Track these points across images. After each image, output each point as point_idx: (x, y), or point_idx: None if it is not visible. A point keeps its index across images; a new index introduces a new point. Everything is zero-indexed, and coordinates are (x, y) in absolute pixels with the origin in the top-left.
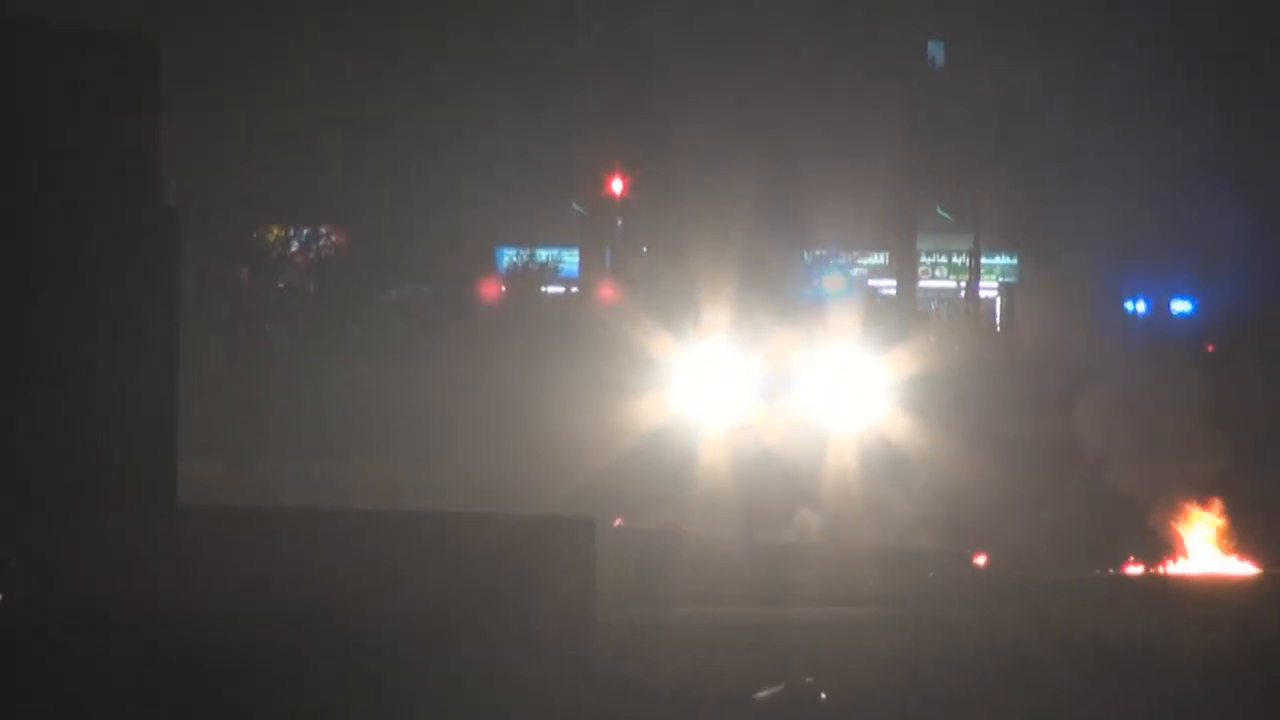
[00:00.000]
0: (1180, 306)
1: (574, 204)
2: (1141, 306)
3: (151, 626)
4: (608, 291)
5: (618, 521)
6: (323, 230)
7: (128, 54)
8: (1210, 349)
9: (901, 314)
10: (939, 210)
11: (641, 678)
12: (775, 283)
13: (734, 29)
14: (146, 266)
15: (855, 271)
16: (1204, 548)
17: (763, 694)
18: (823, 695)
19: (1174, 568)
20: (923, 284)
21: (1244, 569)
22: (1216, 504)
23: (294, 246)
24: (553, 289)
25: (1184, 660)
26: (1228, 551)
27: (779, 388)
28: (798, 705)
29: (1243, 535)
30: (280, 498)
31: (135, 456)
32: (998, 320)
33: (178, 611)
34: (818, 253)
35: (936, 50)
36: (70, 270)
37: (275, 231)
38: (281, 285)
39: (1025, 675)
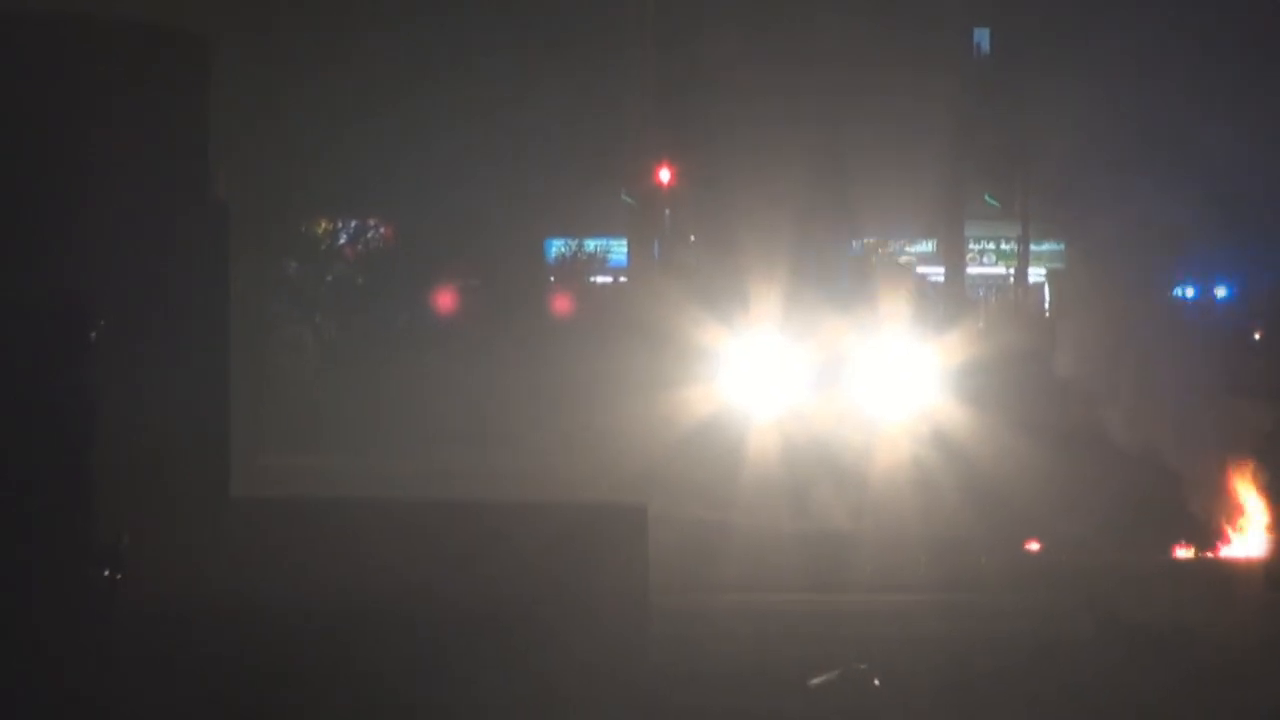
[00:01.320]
0: (1221, 292)
1: (622, 194)
2: (1190, 292)
3: (209, 618)
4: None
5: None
6: (371, 222)
7: (179, 49)
8: (1258, 335)
9: (950, 300)
10: (986, 198)
11: (696, 664)
12: (824, 271)
13: (781, 17)
14: (197, 261)
15: (904, 257)
16: (1254, 532)
17: (817, 680)
18: (876, 681)
19: (1223, 552)
20: (970, 270)
21: None
22: (1266, 489)
23: (342, 239)
24: (601, 279)
25: (1236, 645)
26: (1275, 535)
27: (829, 376)
28: (851, 691)
29: None
30: (334, 489)
31: (189, 450)
32: (1046, 307)
33: (236, 603)
34: (866, 240)
35: (982, 38)
36: (121, 265)
37: (323, 224)
38: (330, 278)
39: (1074, 661)
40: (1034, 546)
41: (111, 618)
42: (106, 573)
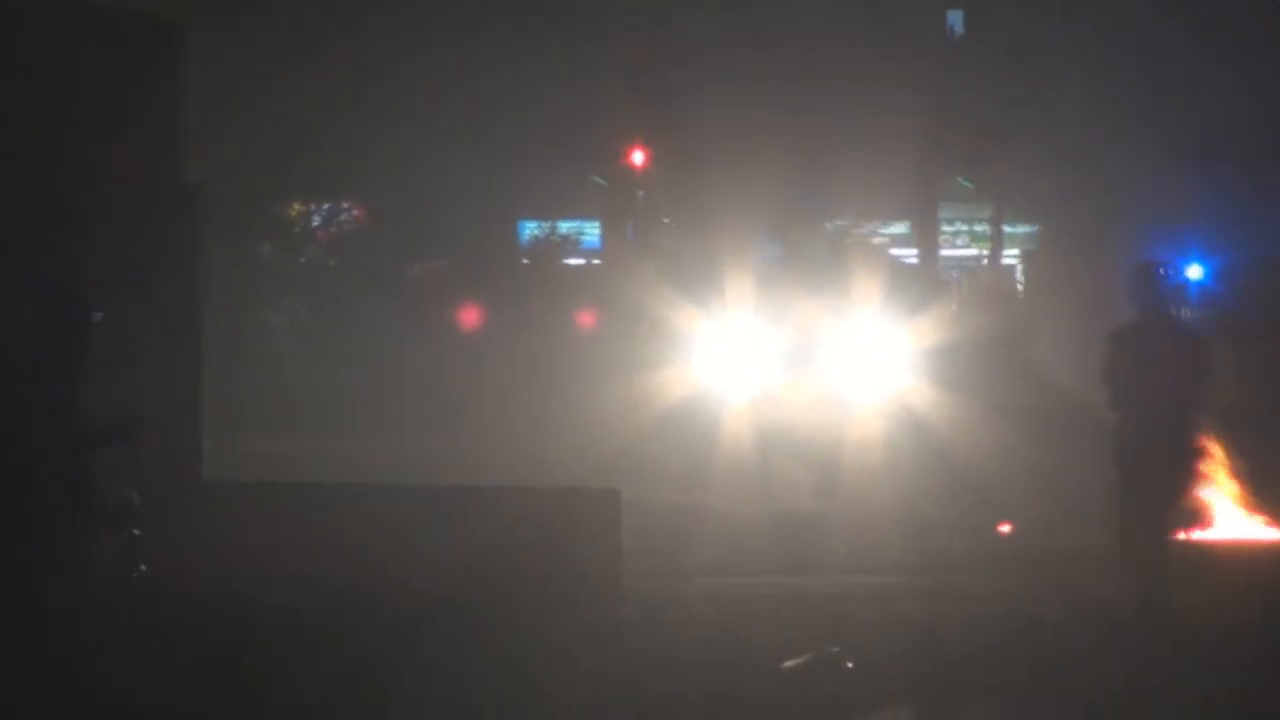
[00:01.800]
0: (1195, 273)
1: (594, 176)
2: (1175, 273)
3: (181, 600)
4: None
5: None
6: (344, 205)
7: (154, 33)
8: (1229, 315)
9: (923, 282)
10: (960, 179)
11: (670, 649)
12: (798, 253)
13: None
14: (173, 244)
15: (877, 239)
16: (1229, 514)
17: (790, 663)
18: (849, 664)
19: (1196, 535)
20: (944, 253)
21: (1265, 534)
22: (1241, 470)
23: (315, 221)
24: (574, 261)
25: (1211, 628)
26: (1251, 517)
27: (803, 358)
28: (825, 674)
29: (1266, 500)
30: (306, 473)
31: (162, 432)
32: (1019, 289)
33: (204, 590)
34: (839, 223)
35: (956, 19)
36: (96, 248)
37: (296, 207)
38: (303, 260)
39: (1046, 644)
40: (1006, 529)
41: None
42: (135, 531)
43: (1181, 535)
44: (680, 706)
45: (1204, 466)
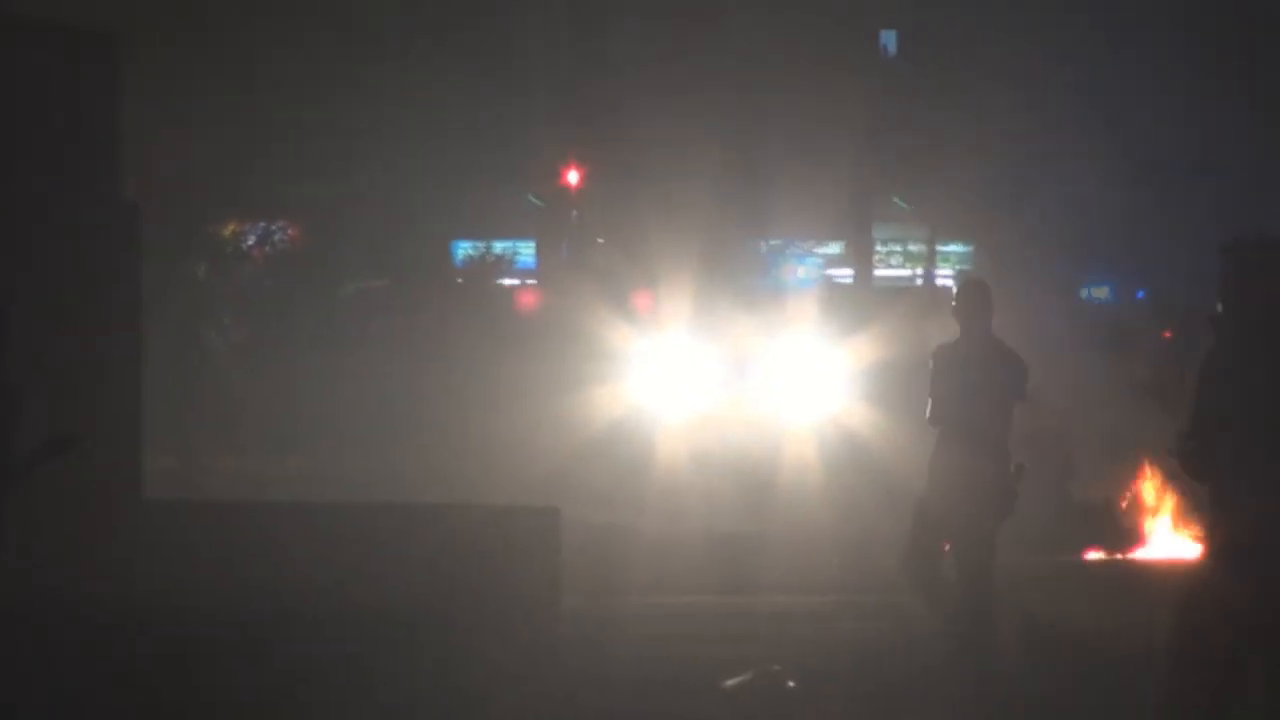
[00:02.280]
0: (1136, 292)
1: (530, 196)
2: (1102, 293)
3: (117, 620)
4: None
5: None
6: (278, 224)
7: (88, 49)
8: (1167, 335)
9: (861, 303)
10: (895, 199)
11: (608, 668)
12: (733, 272)
13: (688, 18)
14: (108, 263)
15: (811, 260)
16: (1166, 534)
17: (730, 682)
18: (790, 683)
19: (1135, 554)
20: (879, 272)
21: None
22: (1177, 489)
23: (250, 241)
24: (510, 281)
25: (1147, 646)
26: (1189, 537)
27: (739, 378)
28: (765, 693)
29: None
30: (242, 493)
31: (100, 452)
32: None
33: (144, 605)
34: (773, 242)
35: (889, 39)
36: (30, 267)
37: (231, 226)
38: (242, 280)
39: (984, 663)
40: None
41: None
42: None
43: (1108, 555)
44: None
45: (1015, 490)
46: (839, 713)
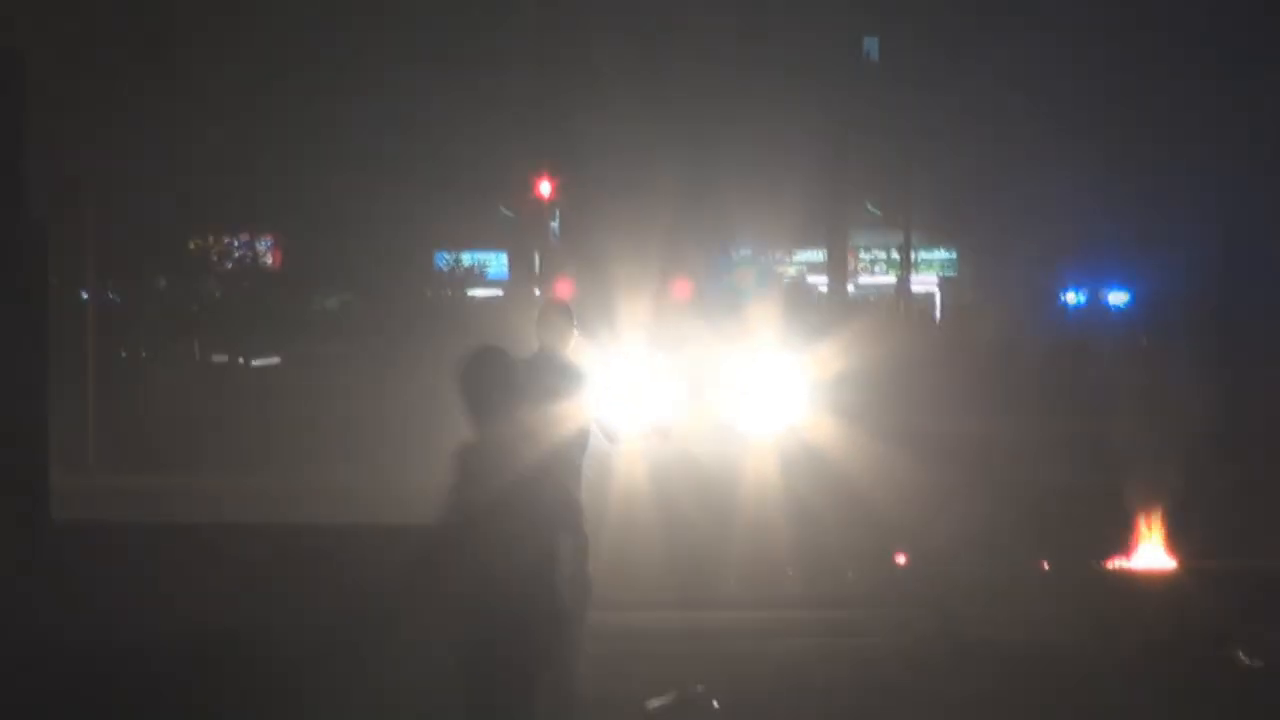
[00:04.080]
0: (1118, 298)
1: (502, 208)
2: (1078, 298)
3: (28, 647)
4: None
5: None
6: (244, 238)
7: None
8: (1145, 341)
9: (829, 310)
10: (868, 206)
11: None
12: (702, 282)
13: (666, 24)
14: (13, 280)
15: (791, 267)
16: (1130, 546)
17: (654, 702)
18: (715, 703)
19: (1095, 567)
20: (863, 280)
21: (1161, 568)
22: (1145, 502)
23: (219, 256)
24: (483, 292)
25: (1093, 664)
26: (1152, 550)
27: (702, 389)
28: (687, 714)
29: (1168, 533)
30: (184, 510)
31: (7, 472)
32: (937, 315)
33: (57, 630)
34: (744, 251)
35: (872, 46)
36: None
37: (197, 242)
38: (212, 294)
39: (931, 679)
40: (901, 560)
41: None
42: None
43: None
44: None
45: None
46: None
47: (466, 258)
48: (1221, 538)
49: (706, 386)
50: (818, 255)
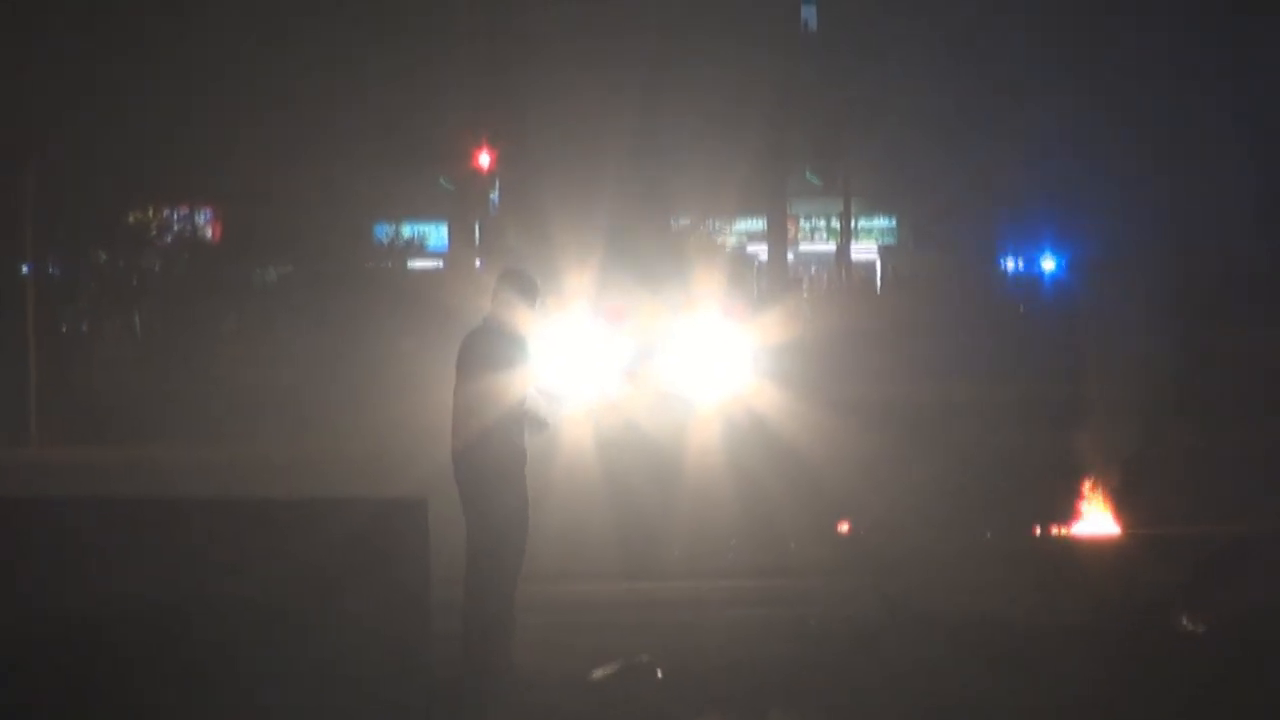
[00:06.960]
0: (1049, 265)
1: (441, 179)
2: (1016, 264)
3: None
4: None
5: None
6: (184, 211)
7: None
8: (1083, 307)
9: (771, 280)
10: (807, 174)
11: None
12: (642, 252)
13: None
14: None
15: (732, 237)
16: (1072, 516)
17: (598, 673)
18: (659, 673)
19: (1036, 536)
20: (803, 248)
21: (1105, 535)
22: (1088, 471)
23: (158, 229)
24: (421, 264)
25: (1037, 632)
26: (1098, 517)
27: (644, 359)
28: (633, 684)
29: (1110, 502)
30: (130, 481)
31: None
32: (877, 284)
33: None
34: (684, 221)
35: (810, 14)
36: None
37: (137, 215)
38: (151, 267)
39: (872, 648)
40: (844, 530)
41: None
42: None
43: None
44: None
45: None
46: (712, 701)
47: (406, 229)
48: (1167, 504)
49: (651, 355)
50: (758, 224)
